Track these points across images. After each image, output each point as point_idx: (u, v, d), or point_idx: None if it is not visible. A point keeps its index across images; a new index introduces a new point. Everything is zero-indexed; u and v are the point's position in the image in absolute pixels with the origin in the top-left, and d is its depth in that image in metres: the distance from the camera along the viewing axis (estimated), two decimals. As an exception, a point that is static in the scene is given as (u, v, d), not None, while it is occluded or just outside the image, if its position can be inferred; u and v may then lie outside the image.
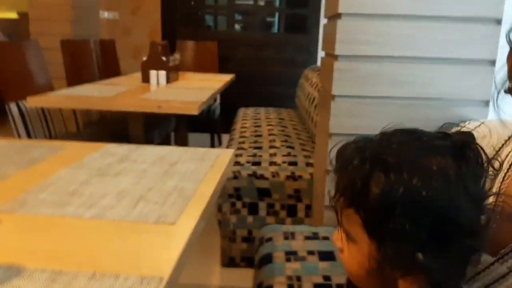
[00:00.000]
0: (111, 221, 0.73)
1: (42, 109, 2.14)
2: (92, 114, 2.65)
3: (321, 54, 1.88)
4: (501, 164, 0.63)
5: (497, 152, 0.67)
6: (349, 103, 1.49)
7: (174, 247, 0.66)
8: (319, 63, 3.92)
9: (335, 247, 1.25)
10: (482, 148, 0.54)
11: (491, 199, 0.60)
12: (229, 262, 1.91)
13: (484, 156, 0.54)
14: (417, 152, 0.52)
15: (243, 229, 1.88)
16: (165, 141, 3.11)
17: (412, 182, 0.49)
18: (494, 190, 0.63)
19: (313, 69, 2.97)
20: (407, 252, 0.50)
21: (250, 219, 1.87)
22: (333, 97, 1.48)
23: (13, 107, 1.98)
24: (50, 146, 1.16)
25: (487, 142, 0.68)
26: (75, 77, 2.63)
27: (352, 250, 0.57)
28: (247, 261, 1.89)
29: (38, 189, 0.85)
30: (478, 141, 0.55)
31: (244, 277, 1.84)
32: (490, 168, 0.55)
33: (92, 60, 2.96)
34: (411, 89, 1.46)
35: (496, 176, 0.62)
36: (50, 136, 2.17)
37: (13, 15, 4.94)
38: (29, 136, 2.00)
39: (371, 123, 1.49)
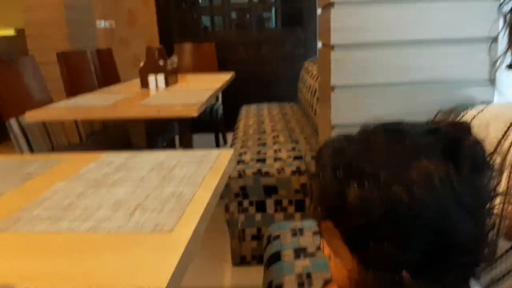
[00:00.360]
0: (107, 233, 0.71)
1: (43, 123, 2.14)
2: (94, 124, 2.64)
3: (319, 45, 1.85)
4: (505, 159, 0.57)
5: (500, 140, 0.62)
6: (349, 93, 1.46)
7: (172, 255, 0.64)
8: (317, 55, 3.89)
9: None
10: (479, 143, 0.47)
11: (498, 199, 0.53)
12: (240, 261, 1.89)
13: (482, 153, 0.47)
14: (399, 156, 0.45)
15: (252, 227, 1.86)
16: (170, 145, 3.10)
17: (391, 193, 0.43)
18: (503, 186, 0.55)
19: (312, 61, 2.94)
20: (392, 273, 0.45)
21: (258, 217, 1.85)
22: (333, 88, 1.45)
23: (13, 123, 1.98)
24: (47, 160, 1.14)
25: (486, 133, 0.61)
26: (74, 89, 2.63)
27: (337, 263, 0.51)
28: (258, 259, 1.87)
29: (32, 205, 0.83)
30: (480, 130, 0.48)
31: (256, 275, 1.82)
32: (492, 165, 0.47)
33: (90, 71, 2.95)
34: (412, 74, 1.43)
35: (502, 171, 0.56)
36: (53, 149, 2.17)
37: (10, 32, 4.96)
38: (31, 151, 2.00)
39: (373, 111, 1.45)
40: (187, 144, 2.46)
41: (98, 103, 2.09)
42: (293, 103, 3.35)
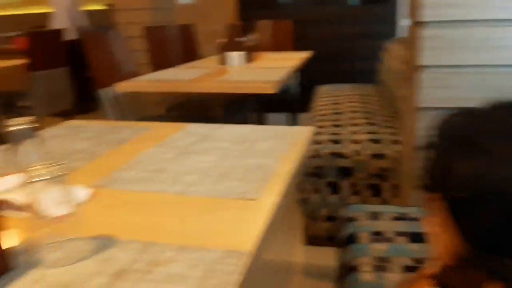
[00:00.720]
0: (196, 196, 0.75)
1: (130, 94, 2.27)
2: (176, 98, 2.76)
3: (403, 23, 1.76)
4: None
5: None
6: (439, 73, 1.37)
7: (257, 222, 0.65)
8: (400, 34, 3.69)
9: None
10: None
11: None
12: (312, 240, 1.89)
13: None
14: None
15: (325, 208, 1.85)
16: (244, 122, 3.15)
17: (503, 170, 0.41)
18: None
19: (396, 40, 2.80)
20: (494, 256, 0.42)
21: (332, 198, 1.83)
22: (421, 67, 1.37)
23: (104, 93, 2.12)
24: (137, 127, 1.22)
25: None
26: (159, 62, 2.75)
27: (441, 238, 0.49)
28: (331, 240, 1.86)
29: (127, 167, 0.89)
30: None
31: (328, 255, 1.81)
32: None
33: (173, 45, 3.06)
34: (510, 55, 1.31)
35: None
36: (139, 119, 2.30)
37: (100, 6, 5.30)
38: (120, 120, 2.14)
39: (464, 94, 1.36)
40: (261, 121, 2.48)
41: (181, 77, 2.17)
42: (372, 85, 3.23)
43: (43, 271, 0.55)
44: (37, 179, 0.55)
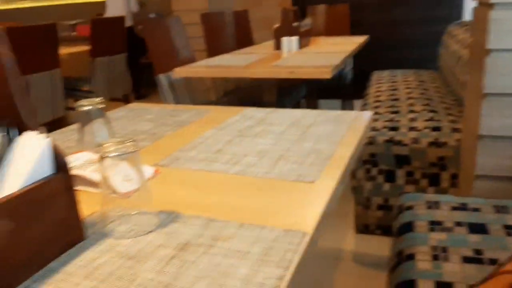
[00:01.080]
0: (254, 177, 0.76)
1: (187, 80, 2.33)
2: (229, 83, 2.80)
3: (468, 6, 1.66)
4: None
5: None
6: (507, 57, 1.30)
7: (315, 205, 0.66)
8: (463, 18, 3.49)
9: (487, 219, 1.13)
10: None
11: None
12: (363, 228, 1.87)
13: None
14: None
15: (379, 196, 1.81)
16: (296, 108, 3.14)
17: None
18: None
19: (459, 24, 2.66)
20: None
21: (386, 186, 1.80)
22: (488, 51, 1.30)
23: (162, 78, 2.19)
24: (197, 110, 1.26)
25: None
26: (214, 48, 2.79)
27: None
28: (383, 229, 1.83)
29: (188, 147, 0.93)
30: None
31: (379, 245, 1.79)
32: None
33: (228, 31, 3.09)
34: None
35: None
36: (194, 104, 2.36)
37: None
38: (176, 104, 2.20)
39: (537, 80, 1.27)
40: (314, 107, 2.46)
41: (236, 63, 2.20)
42: (432, 71, 3.09)
43: (113, 242, 0.59)
44: (108, 156, 0.58)
